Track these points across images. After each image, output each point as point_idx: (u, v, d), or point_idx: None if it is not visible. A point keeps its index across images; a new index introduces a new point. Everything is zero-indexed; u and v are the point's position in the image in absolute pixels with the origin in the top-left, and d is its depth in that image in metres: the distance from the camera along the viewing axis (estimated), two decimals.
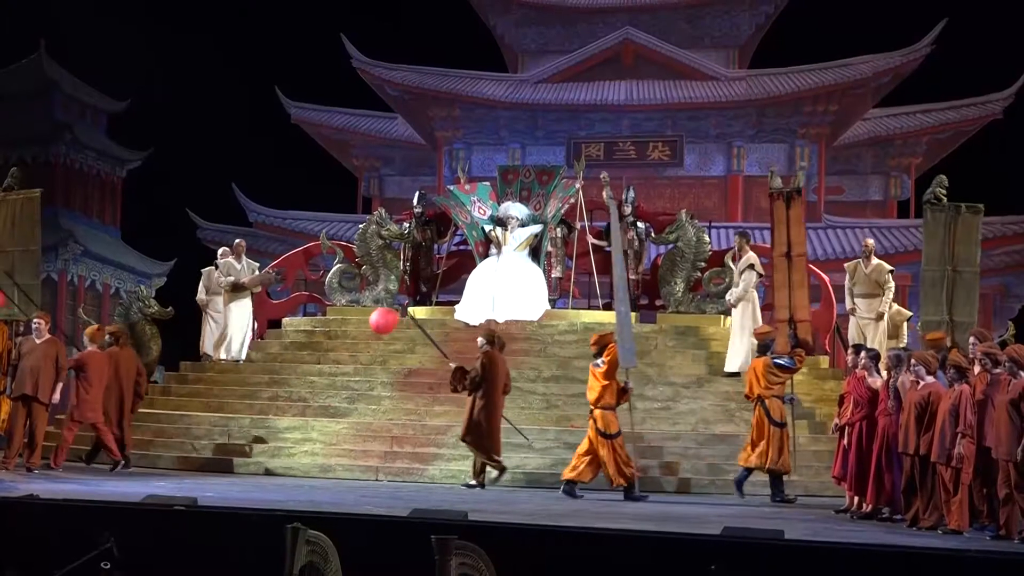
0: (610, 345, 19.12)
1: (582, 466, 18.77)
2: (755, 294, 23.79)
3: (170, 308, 25.96)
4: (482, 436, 19.69)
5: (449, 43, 60.90)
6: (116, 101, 61.39)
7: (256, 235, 52.07)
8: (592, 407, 18.89)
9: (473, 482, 19.72)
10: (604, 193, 23.40)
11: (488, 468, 19.88)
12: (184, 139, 58.75)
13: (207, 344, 26.14)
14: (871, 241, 24.95)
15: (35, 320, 21.30)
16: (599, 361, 18.97)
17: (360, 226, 28.22)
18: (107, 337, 22.09)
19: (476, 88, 53.10)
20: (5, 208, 24.74)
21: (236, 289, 25.63)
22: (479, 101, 52.93)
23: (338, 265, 27.50)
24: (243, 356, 25.74)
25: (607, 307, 26.20)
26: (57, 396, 20.81)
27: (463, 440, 19.91)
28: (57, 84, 58.57)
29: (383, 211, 28.01)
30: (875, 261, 23.81)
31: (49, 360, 20.63)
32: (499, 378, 19.95)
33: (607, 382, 18.85)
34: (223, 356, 25.70)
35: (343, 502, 16.39)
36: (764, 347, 19.82)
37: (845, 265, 24.47)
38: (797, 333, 21.83)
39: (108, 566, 12.83)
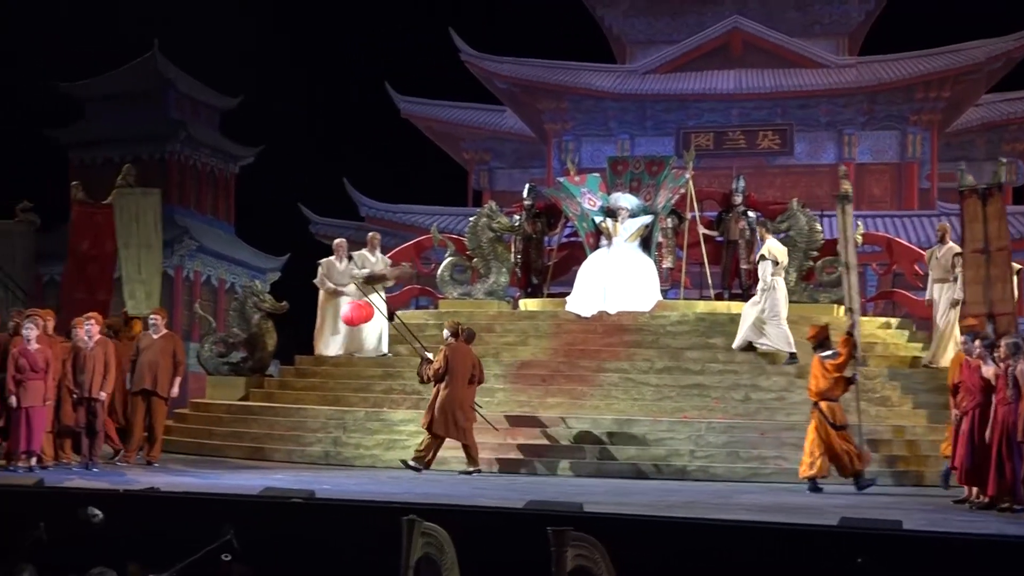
0: (844, 338, 19.34)
1: (818, 461, 18.73)
2: (779, 281, 23.60)
3: (284, 302, 26.18)
4: (447, 425, 20.00)
5: (557, 35, 61.08)
6: (229, 98, 62.10)
7: (368, 229, 52.23)
8: (817, 399, 18.85)
9: (412, 462, 20.05)
10: (844, 186, 22.98)
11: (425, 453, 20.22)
12: (296, 134, 59.29)
13: (327, 342, 26.03)
14: (946, 224, 24.74)
15: (152, 316, 21.62)
16: (828, 353, 18.97)
17: (471, 219, 28.29)
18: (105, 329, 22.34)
19: (584, 80, 53.06)
20: (125, 203, 25.23)
21: (372, 281, 25.50)
22: (588, 93, 52.92)
23: (449, 258, 27.60)
24: (385, 350, 25.53)
25: (719, 297, 26.16)
26: (176, 390, 21.10)
27: (427, 429, 20.20)
28: (171, 82, 59.34)
29: (493, 204, 28.08)
30: (947, 245, 23.59)
31: (167, 355, 20.93)
32: (463, 369, 20.18)
33: (839, 374, 18.92)
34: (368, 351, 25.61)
35: (458, 494, 16.45)
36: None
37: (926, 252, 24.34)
38: (997, 327, 21.62)
39: (228, 558, 13.00)
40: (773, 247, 23.66)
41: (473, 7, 61.19)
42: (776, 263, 23.45)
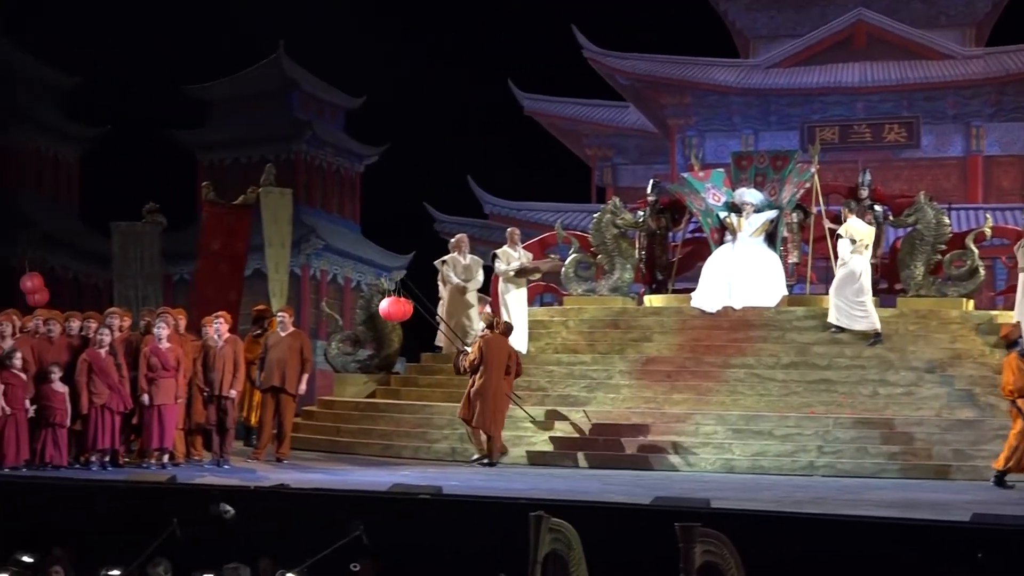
0: None
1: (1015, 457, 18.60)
2: (858, 260, 23.60)
3: (410, 300, 26.33)
4: (480, 414, 20.66)
5: (679, 30, 60.70)
6: (353, 98, 62.62)
7: (491, 227, 52.43)
8: (1013, 397, 18.53)
9: (476, 456, 21.00)
10: None
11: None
12: (420, 133, 59.60)
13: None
14: None
15: (280, 314, 21.87)
16: None
17: (595, 216, 28.25)
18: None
19: (707, 75, 52.82)
20: (268, 202, 25.70)
21: (523, 274, 25.42)
22: (711, 88, 52.67)
23: (574, 255, 27.59)
24: (524, 348, 24.96)
25: None
26: (303, 387, 21.30)
27: (461, 418, 21.06)
28: (296, 83, 59.94)
29: (617, 200, 28.03)
30: None
31: (294, 352, 21.14)
32: (498, 360, 20.88)
33: None
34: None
35: (584, 490, 16.48)
36: None
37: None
38: None
39: (357, 568, 13.14)
40: (851, 226, 23.89)
41: (595, 4, 61.12)
42: (853, 242, 23.47)
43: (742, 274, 25.08)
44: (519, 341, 25.05)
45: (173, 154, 60.88)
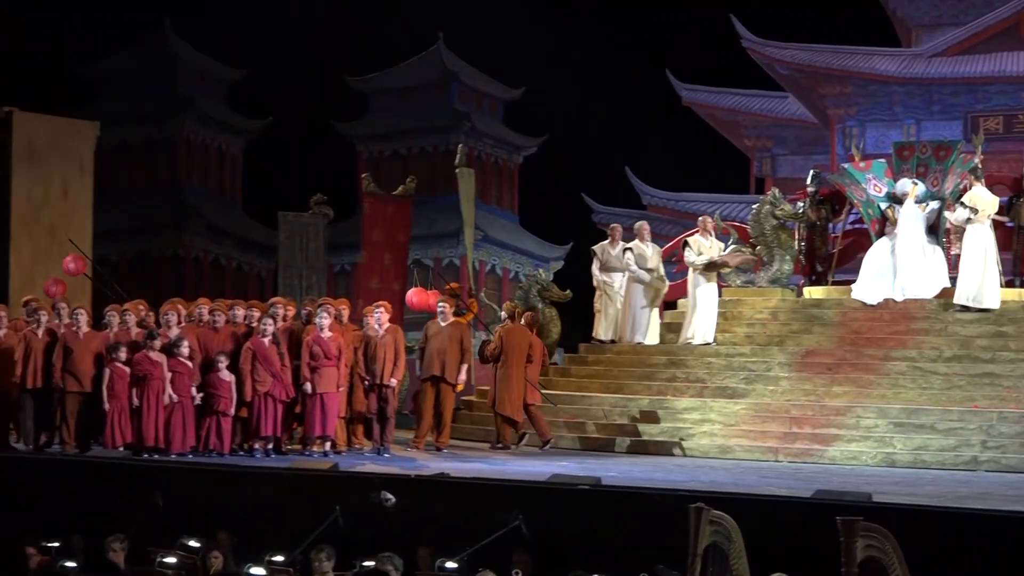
0: None
1: None
2: (980, 229, 23.57)
3: (568, 291, 26.38)
4: (501, 402, 21.46)
5: (839, 19, 60.06)
6: (512, 89, 62.74)
7: (649, 218, 52.09)
8: None
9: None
10: None
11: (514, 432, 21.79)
12: (578, 124, 59.62)
13: (601, 328, 26.17)
14: None
15: (440, 303, 22.07)
16: None
17: (753, 207, 28.05)
18: None
19: (869, 64, 52.16)
20: (464, 183, 26.14)
21: (712, 268, 25.23)
22: (872, 77, 52.00)
23: (732, 246, 27.44)
24: (711, 339, 24.90)
25: (1009, 284, 25.46)
26: (463, 377, 21.48)
27: (491, 407, 21.83)
28: (456, 75, 60.21)
29: (776, 191, 27.81)
30: None
31: (454, 342, 21.34)
32: (518, 349, 21.72)
33: None
34: (638, 339, 25.60)
35: (744, 483, 16.45)
36: None
37: None
38: None
39: (518, 574, 13.28)
40: (976, 194, 23.84)
41: None
42: (976, 211, 23.34)
43: (903, 266, 24.80)
44: (705, 332, 24.78)
45: (334, 146, 61.59)
